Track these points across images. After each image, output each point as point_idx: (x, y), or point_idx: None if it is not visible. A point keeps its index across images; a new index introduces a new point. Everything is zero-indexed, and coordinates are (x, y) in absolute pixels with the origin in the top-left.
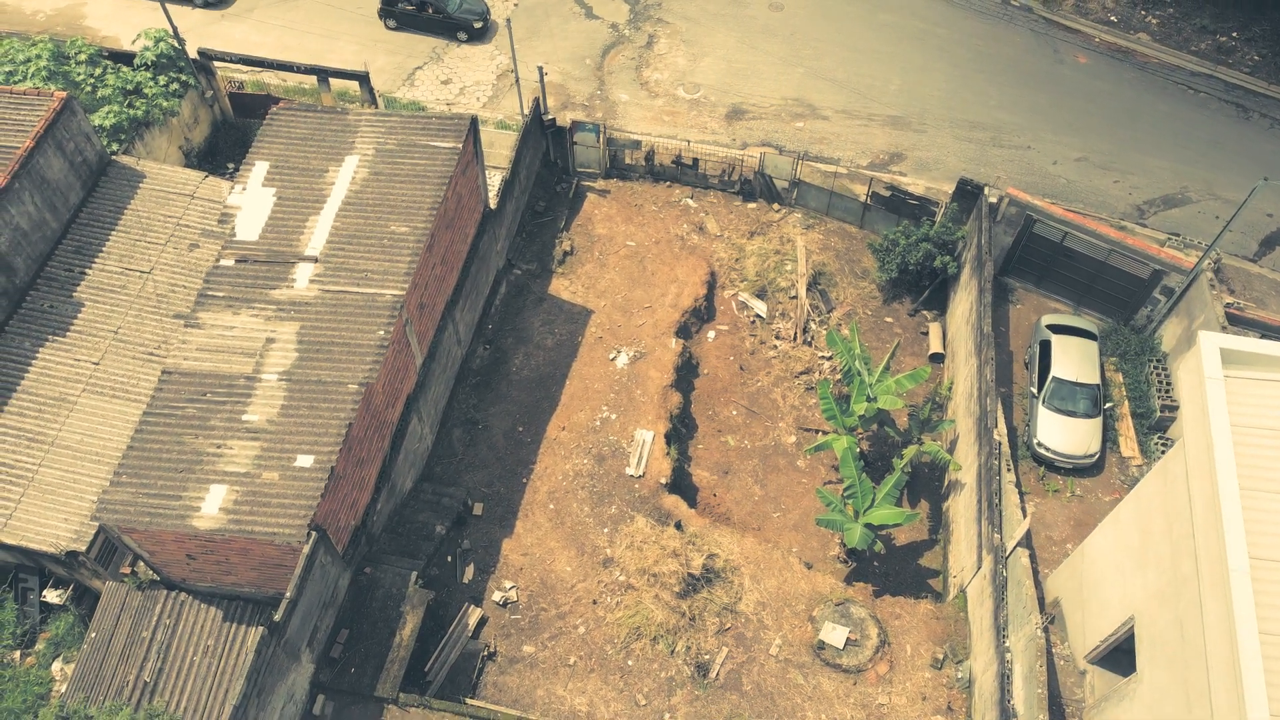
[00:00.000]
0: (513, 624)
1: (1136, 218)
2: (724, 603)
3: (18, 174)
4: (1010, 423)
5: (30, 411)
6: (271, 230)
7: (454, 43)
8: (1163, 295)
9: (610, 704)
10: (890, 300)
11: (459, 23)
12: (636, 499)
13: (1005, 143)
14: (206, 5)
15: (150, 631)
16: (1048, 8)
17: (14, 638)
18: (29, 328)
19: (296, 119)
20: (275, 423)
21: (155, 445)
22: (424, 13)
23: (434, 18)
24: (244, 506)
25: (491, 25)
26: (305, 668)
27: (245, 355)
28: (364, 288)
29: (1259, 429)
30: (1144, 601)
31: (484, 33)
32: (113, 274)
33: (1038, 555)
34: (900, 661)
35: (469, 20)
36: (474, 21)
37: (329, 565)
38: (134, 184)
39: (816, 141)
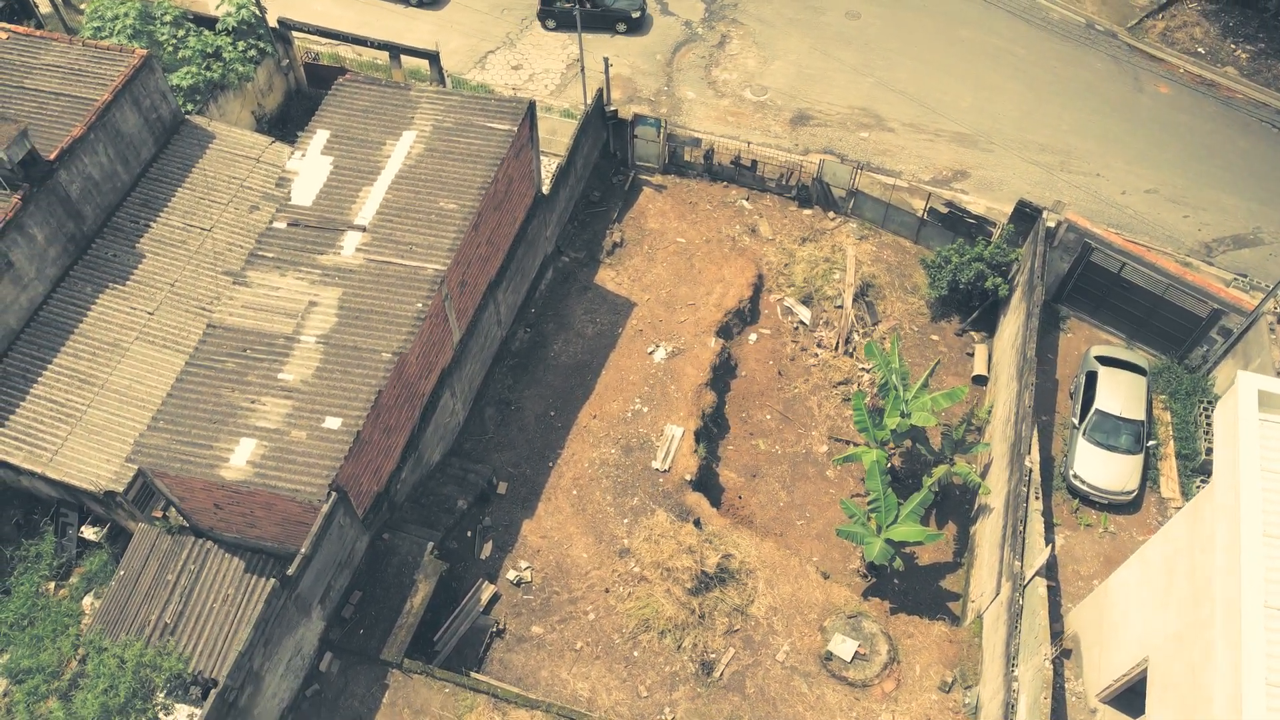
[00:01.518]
0: (524, 604)
1: (1204, 255)
2: (735, 604)
3: (94, 125)
4: (1048, 452)
5: (85, 354)
6: (325, 197)
7: (609, 34)
8: (1220, 336)
9: (612, 692)
10: (938, 318)
11: (617, 14)
12: (660, 493)
13: (1074, 168)
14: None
15: (175, 575)
16: (1133, 35)
17: (50, 569)
18: (91, 274)
19: (360, 91)
20: (309, 383)
21: (193, 395)
22: (583, 7)
23: (592, 11)
24: (270, 461)
25: (647, 17)
26: (315, 624)
27: (287, 316)
28: (408, 260)
29: None
30: (1161, 643)
31: (641, 24)
32: (175, 229)
33: (1063, 589)
34: (908, 681)
35: (627, 11)
36: (632, 12)
37: (347, 527)
38: (204, 144)
39: (880, 153)
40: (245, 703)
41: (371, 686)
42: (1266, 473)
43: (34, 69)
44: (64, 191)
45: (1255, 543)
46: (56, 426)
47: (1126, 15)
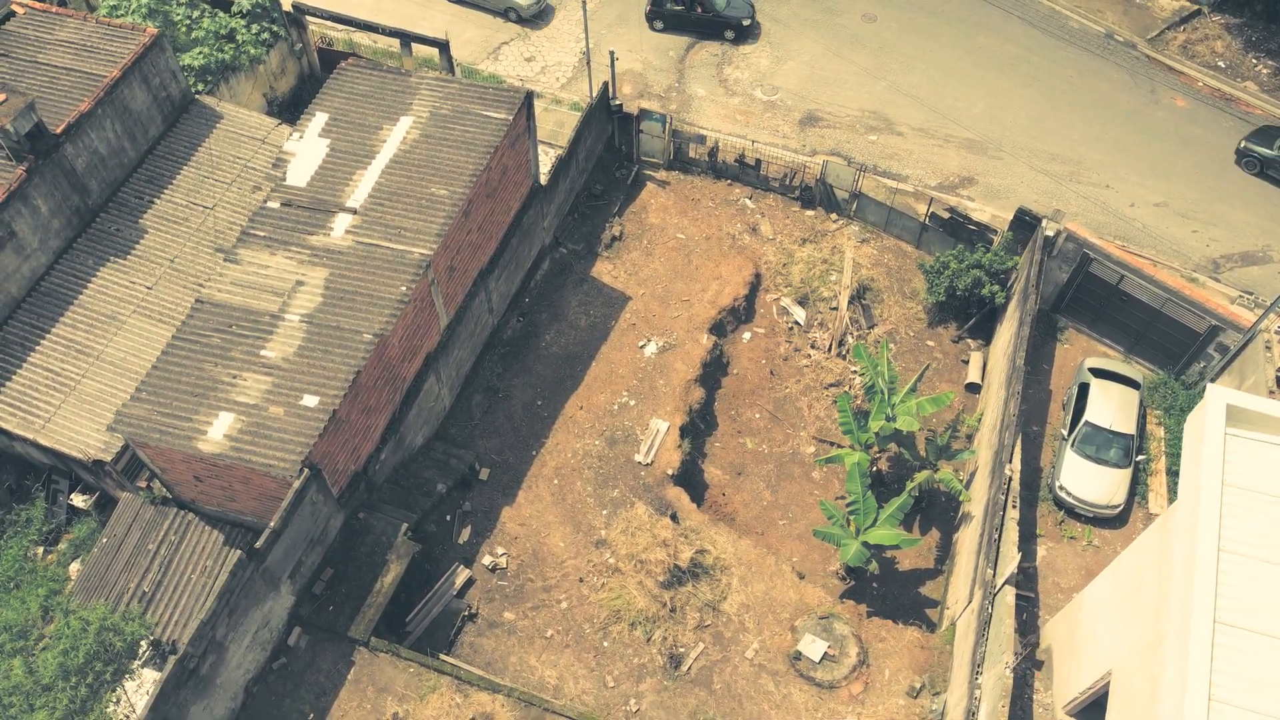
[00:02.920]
0: (498, 589)
1: (1210, 271)
2: (707, 599)
3: (101, 101)
4: (1037, 463)
5: (83, 325)
6: (320, 179)
7: (721, 42)
8: (1217, 352)
9: (579, 681)
10: (935, 324)
11: (727, 21)
12: (640, 486)
13: (1083, 179)
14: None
15: (156, 545)
16: (1153, 46)
17: (39, 534)
18: (94, 247)
19: (362, 76)
20: (290, 361)
21: (177, 368)
22: (693, 12)
23: (702, 17)
24: (247, 436)
25: (756, 25)
26: (285, 599)
27: (274, 294)
28: (395, 244)
29: (1259, 493)
30: (1124, 657)
31: (750, 31)
32: (178, 206)
33: (1041, 601)
34: (876, 684)
35: (738, 18)
36: (742, 19)
37: (320, 504)
38: (211, 123)
39: (887, 156)
40: (208, 671)
41: (338, 663)
42: (1231, 488)
43: (48, 44)
44: (69, 165)
45: (1209, 557)
46: (51, 395)
47: (1147, 26)
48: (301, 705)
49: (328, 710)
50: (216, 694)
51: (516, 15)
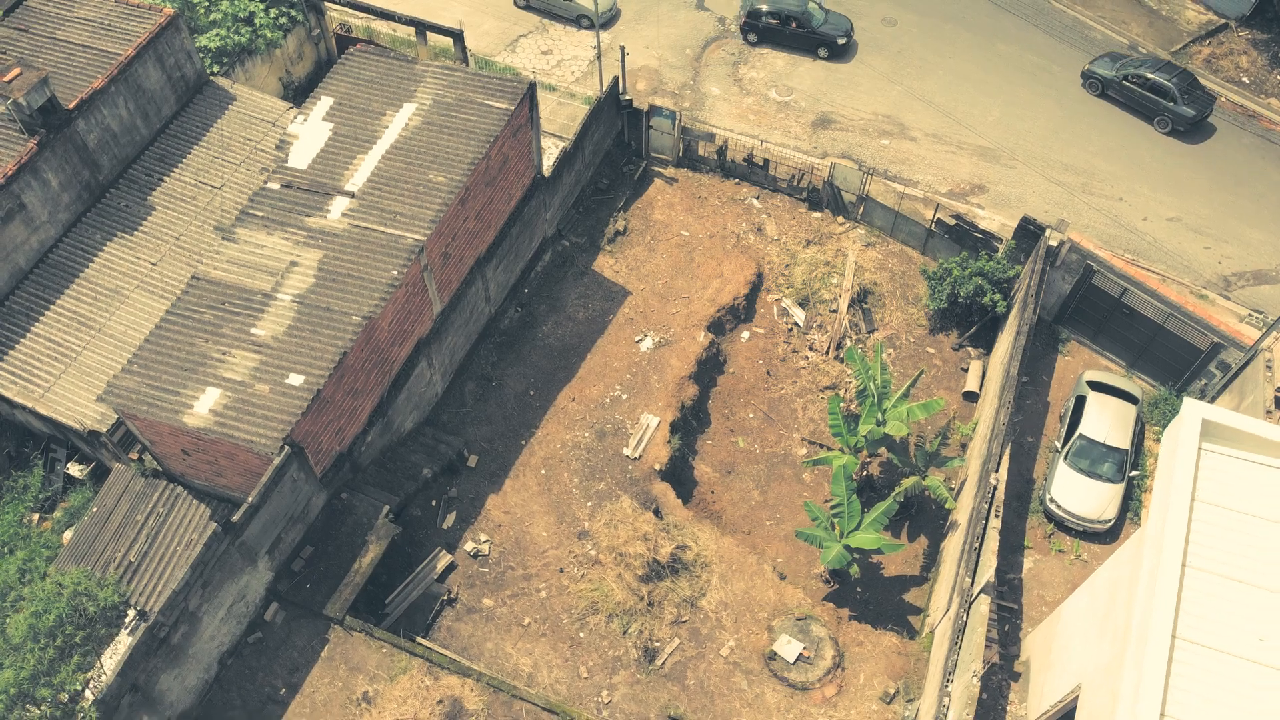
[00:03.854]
0: (479, 576)
1: (1221, 288)
2: (686, 595)
3: (115, 79)
4: (1030, 475)
5: (87, 298)
6: (320, 162)
7: (810, 57)
8: (1219, 370)
9: (553, 670)
10: (936, 331)
11: (822, 38)
12: (627, 480)
13: (1096, 190)
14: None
15: (144, 516)
16: (1177, 59)
17: (36, 501)
18: (103, 222)
19: (368, 62)
20: (279, 340)
21: (168, 343)
22: (788, 27)
23: (798, 33)
24: (231, 412)
25: (853, 44)
26: (262, 574)
27: (268, 274)
28: (389, 228)
29: (1230, 510)
30: (1093, 672)
31: (845, 50)
32: (186, 185)
33: (1025, 613)
34: (850, 688)
35: (833, 37)
36: (838, 38)
37: (302, 482)
38: (224, 105)
39: (899, 161)
40: (179, 641)
41: (312, 639)
42: (1203, 504)
43: (66, 21)
44: (81, 140)
45: (1172, 571)
46: (52, 365)
47: (1172, 39)
48: (274, 680)
49: (300, 686)
50: (189, 664)
51: (589, 21)
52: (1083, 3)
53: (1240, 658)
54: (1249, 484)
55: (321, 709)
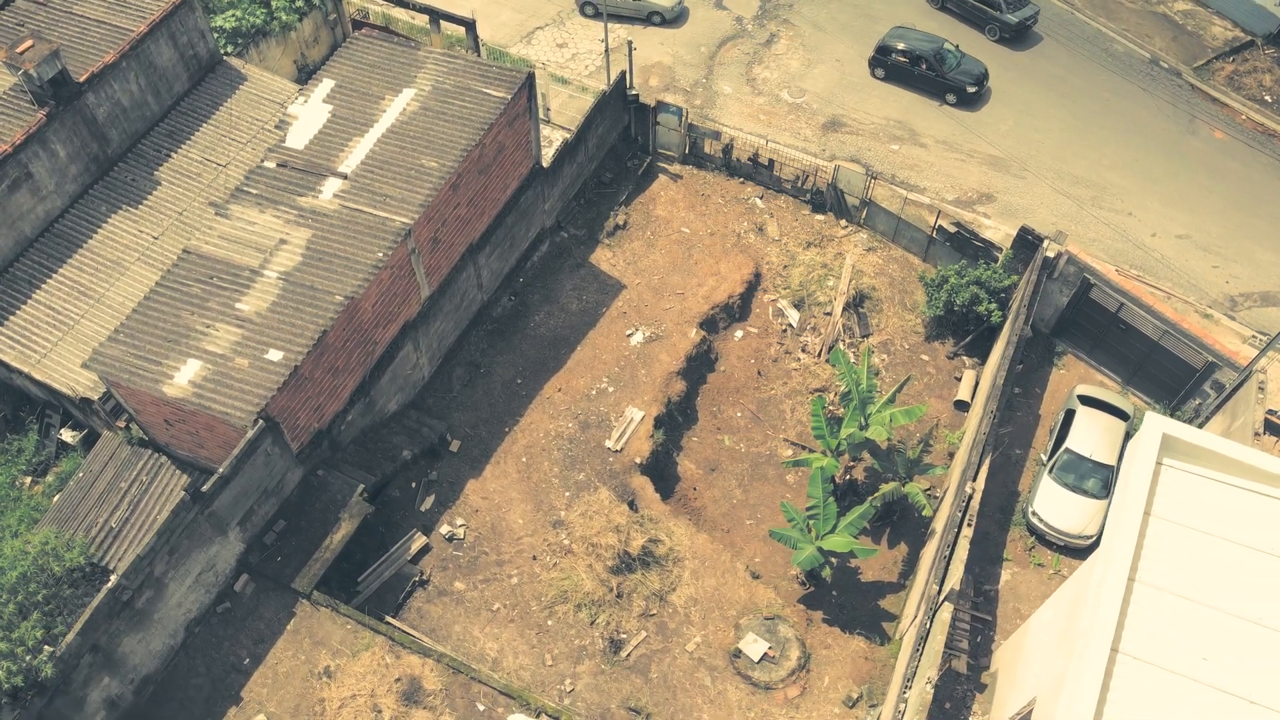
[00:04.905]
0: (453, 559)
1: (1227, 308)
2: (656, 589)
3: (126, 55)
4: (1015, 487)
5: (88, 268)
6: (317, 143)
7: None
8: (1213, 389)
9: (519, 656)
10: (932, 338)
11: (951, 84)
12: (607, 472)
13: (1106, 204)
14: None
15: (128, 484)
16: (1198, 76)
17: (29, 464)
18: (109, 194)
19: (372, 46)
20: (262, 315)
21: (155, 314)
22: (917, 68)
23: (926, 74)
24: (210, 384)
25: (985, 91)
26: (233, 545)
27: (257, 250)
28: (379, 210)
29: (1186, 527)
30: (1048, 684)
31: (976, 98)
32: (193, 161)
33: (999, 625)
34: (814, 690)
35: (963, 83)
36: (968, 85)
37: (276, 457)
38: (235, 85)
39: (907, 167)
40: (144, 606)
41: (280, 612)
42: (1159, 519)
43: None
44: (90, 113)
45: (1115, 586)
46: (50, 332)
47: (1196, 55)
48: (239, 650)
49: (264, 657)
50: (154, 629)
51: (660, 18)
52: (1106, 14)
53: (1182, 676)
54: (1207, 501)
55: (283, 680)
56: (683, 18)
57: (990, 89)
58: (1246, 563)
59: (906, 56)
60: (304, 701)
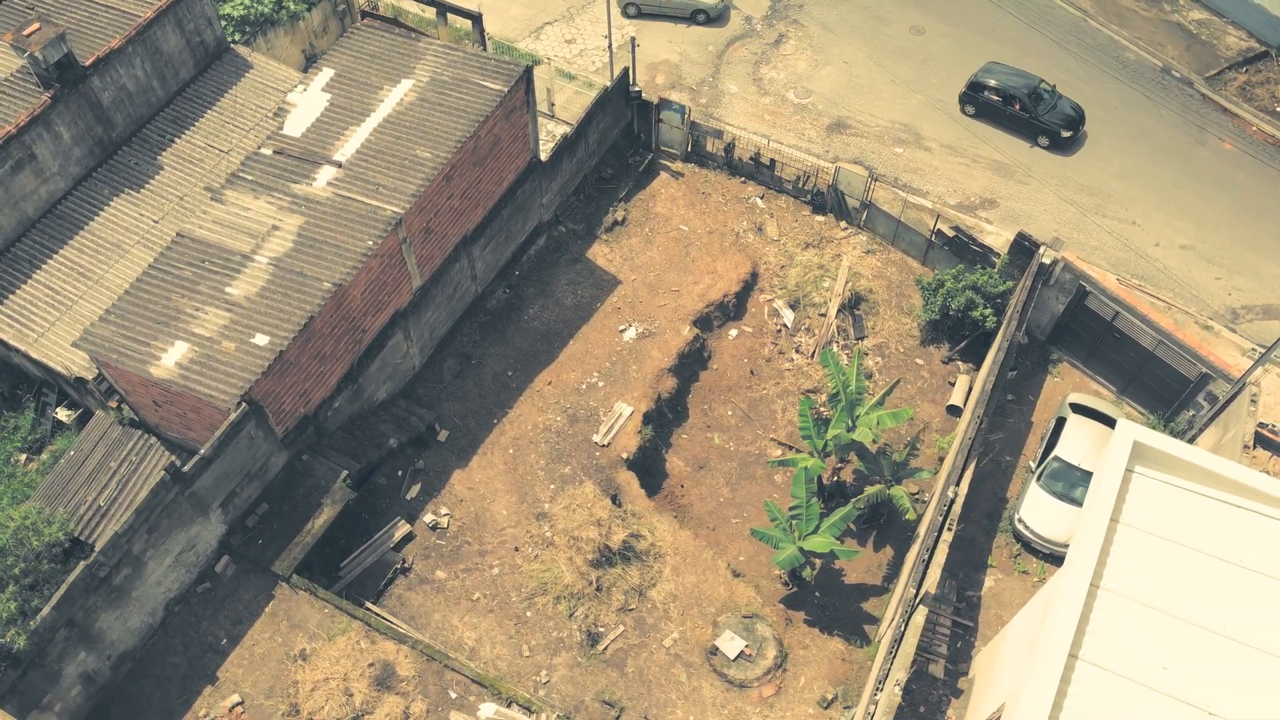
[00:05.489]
0: (435, 548)
1: (1228, 320)
2: (635, 584)
3: (132, 40)
4: (1003, 494)
5: (88, 249)
6: (314, 131)
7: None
8: (1207, 401)
9: (496, 645)
10: (928, 342)
11: (1044, 127)
12: (593, 466)
13: (1110, 213)
14: None
15: (117, 463)
16: (1210, 85)
17: (25, 442)
18: (112, 178)
19: (373, 37)
20: (251, 300)
21: (146, 295)
22: (1009, 108)
23: (1018, 114)
24: (196, 367)
25: (1081, 136)
26: (214, 526)
27: (249, 236)
28: (371, 199)
29: (1153, 535)
30: (1013, 690)
31: (1071, 143)
32: (196, 147)
33: (980, 631)
34: (789, 690)
35: (1056, 127)
36: (1061, 130)
37: (260, 440)
38: (240, 72)
39: (910, 170)
40: (122, 583)
41: (259, 594)
42: (1127, 527)
43: None
44: (95, 97)
45: (1075, 592)
46: (48, 311)
47: (1209, 64)
48: (217, 630)
49: (241, 638)
50: (132, 606)
51: (705, 16)
52: (1119, 22)
53: (1142, 684)
54: (1176, 510)
55: (259, 662)
56: (725, 16)
57: (1086, 133)
58: (1213, 573)
59: (999, 94)
60: (279, 683)
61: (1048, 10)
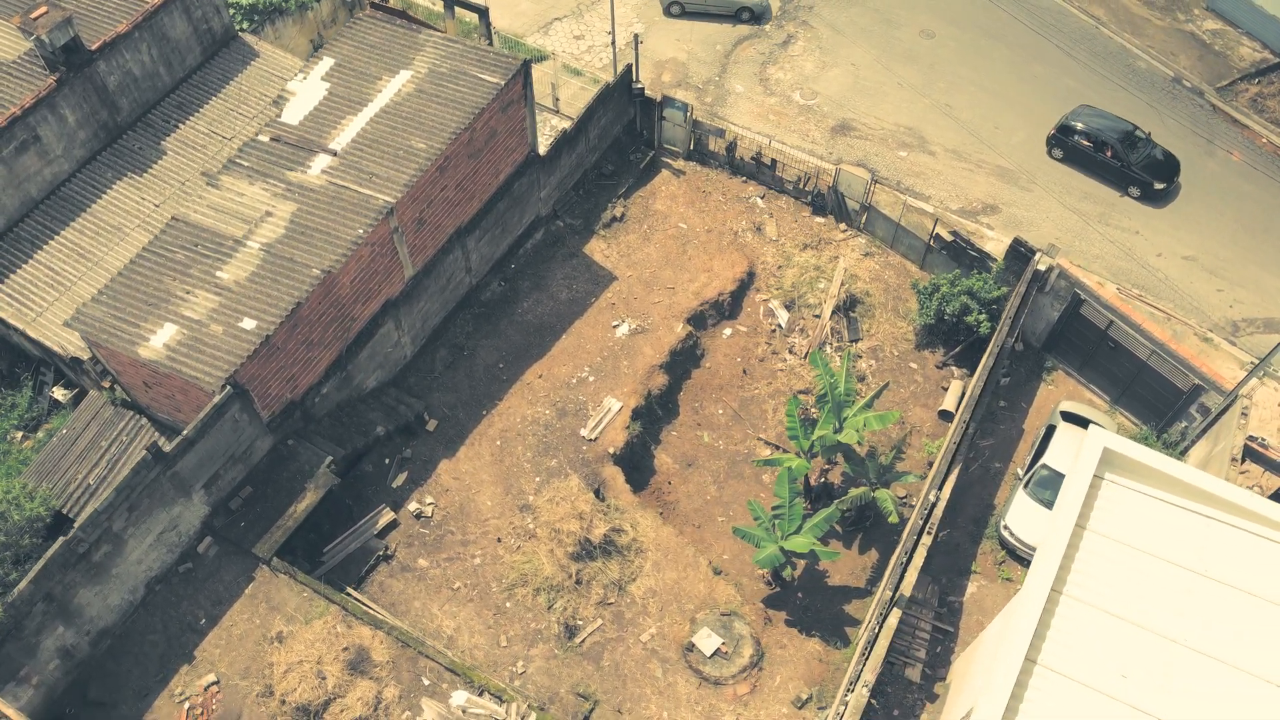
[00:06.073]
0: (419, 536)
1: (1228, 332)
2: (615, 578)
3: (139, 25)
4: (991, 500)
5: (89, 232)
6: (311, 120)
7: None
8: (1199, 413)
9: (474, 635)
10: (923, 347)
11: (1135, 177)
12: (580, 460)
13: (1113, 221)
14: None
15: (108, 443)
16: (1221, 96)
17: (21, 419)
18: (115, 161)
19: (374, 28)
20: (240, 285)
21: (139, 277)
22: (1100, 154)
23: (1109, 162)
24: (183, 349)
25: (1175, 188)
26: (197, 507)
27: (243, 221)
28: (363, 188)
29: (1119, 543)
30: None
31: (1164, 196)
32: (200, 133)
33: (960, 637)
34: (764, 689)
35: (1149, 178)
36: (1154, 181)
37: (244, 423)
38: (246, 60)
39: (914, 174)
40: (102, 560)
41: (239, 576)
42: (1094, 534)
43: None
44: (101, 81)
45: (1038, 596)
46: (47, 291)
47: (1221, 75)
48: (197, 609)
49: (220, 619)
50: (112, 583)
51: (749, 14)
52: (1132, 30)
53: (1100, 692)
54: (1145, 518)
55: (236, 642)
56: (767, 14)
57: (1179, 184)
58: (1178, 583)
59: (1090, 140)
60: (255, 664)
61: (1060, 17)
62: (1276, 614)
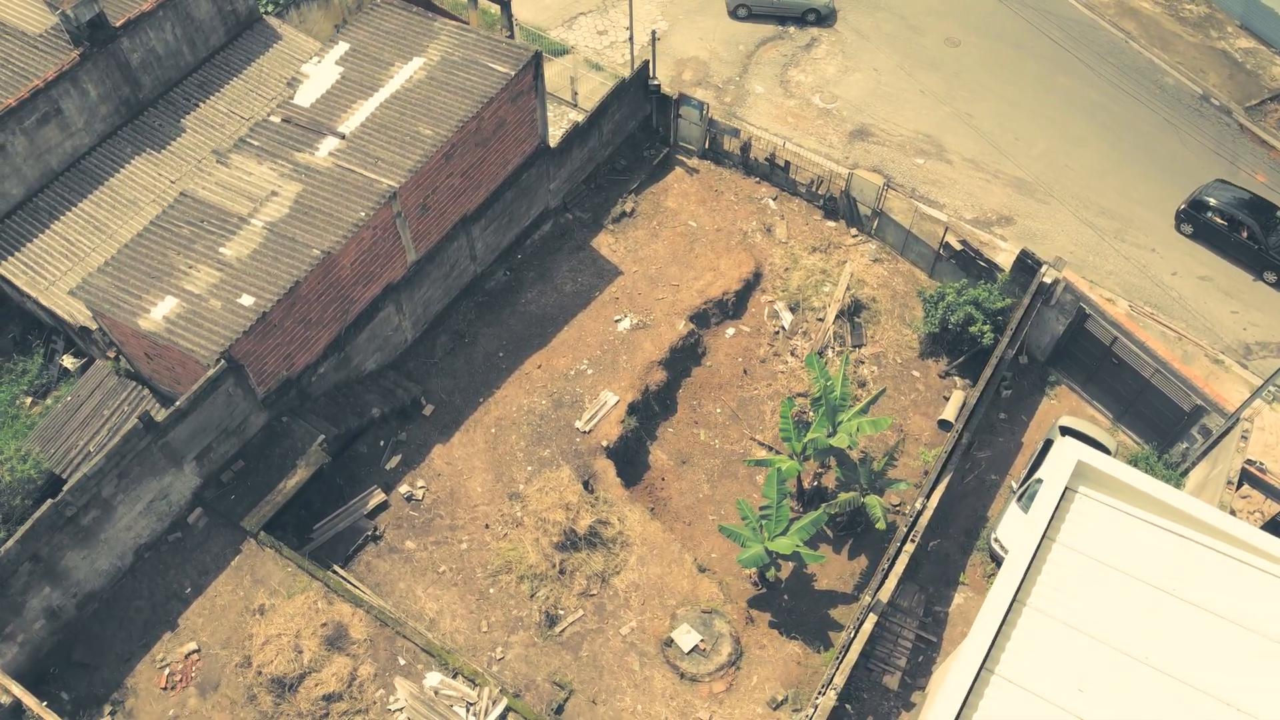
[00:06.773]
0: (408, 519)
1: (1240, 355)
2: (599, 570)
3: (164, 4)
4: (985, 512)
5: (105, 204)
6: (323, 103)
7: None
8: (1200, 434)
9: (456, 619)
10: (926, 355)
11: (1274, 261)
12: (573, 451)
13: (1130, 239)
14: None
15: (110, 412)
16: (1249, 116)
17: (31, 385)
18: (135, 137)
19: (390, 15)
20: (242, 261)
21: (144, 250)
22: (1236, 234)
23: (1245, 242)
24: (182, 322)
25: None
26: (189, 478)
27: (249, 199)
28: (368, 171)
29: (1086, 556)
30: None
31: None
32: (219, 112)
33: (943, 648)
34: (741, 688)
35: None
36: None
37: (239, 398)
38: (269, 42)
39: (929, 182)
40: (90, 524)
41: (226, 548)
42: (1063, 547)
43: None
44: (124, 58)
45: (999, 607)
46: (61, 261)
47: (1251, 94)
48: (183, 578)
49: (205, 588)
50: (100, 548)
51: (816, 15)
52: (1162, 45)
53: (1054, 704)
54: (1114, 533)
55: (219, 613)
56: (833, 16)
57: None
58: (1144, 600)
59: (1224, 218)
60: (235, 635)
61: (1090, 30)
62: (1239, 635)
